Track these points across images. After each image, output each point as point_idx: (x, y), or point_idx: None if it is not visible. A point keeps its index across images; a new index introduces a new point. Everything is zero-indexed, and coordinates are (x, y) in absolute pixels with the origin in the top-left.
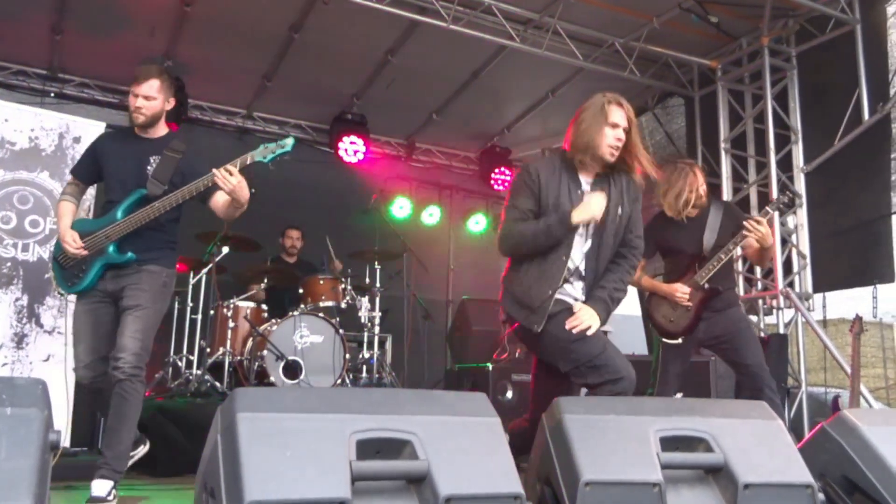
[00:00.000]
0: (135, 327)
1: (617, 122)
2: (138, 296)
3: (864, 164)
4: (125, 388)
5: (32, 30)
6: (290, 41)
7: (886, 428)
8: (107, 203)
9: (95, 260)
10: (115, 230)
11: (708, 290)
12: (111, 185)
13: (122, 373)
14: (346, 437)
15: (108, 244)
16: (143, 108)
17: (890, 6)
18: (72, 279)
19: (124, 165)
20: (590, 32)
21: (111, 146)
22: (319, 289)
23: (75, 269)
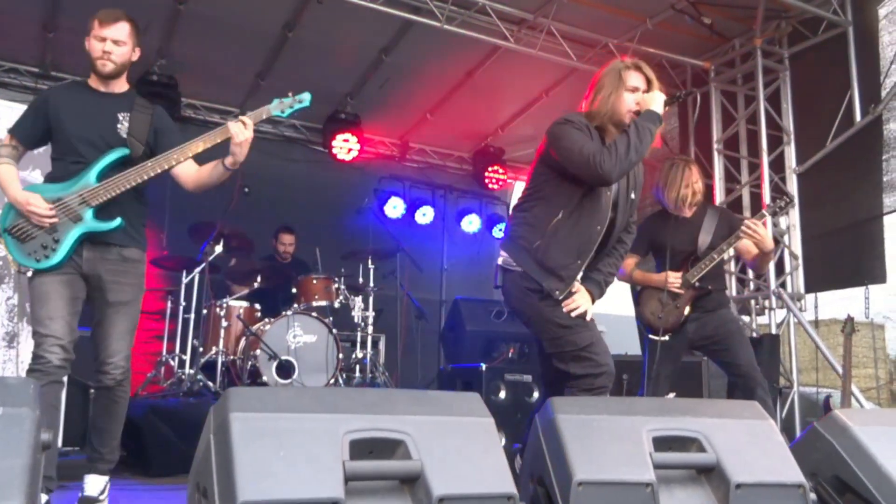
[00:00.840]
0: (124, 327)
1: (636, 85)
2: (125, 290)
3: (855, 165)
4: (117, 394)
5: (24, 27)
6: (284, 40)
7: (878, 428)
8: (72, 164)
9: (70, 229)
10: (92, 194)
11: (698, 288)
12: (72, 145)
13: (113, 379)
14: (340, 437)
15: (84, 210)
16: (112, 53)
17: (881, 8)
18: (39, 252)
19: (89, 123)
20: (583, 33)
21: (67, 102)
22: (313, 288)
23: (41, 241)
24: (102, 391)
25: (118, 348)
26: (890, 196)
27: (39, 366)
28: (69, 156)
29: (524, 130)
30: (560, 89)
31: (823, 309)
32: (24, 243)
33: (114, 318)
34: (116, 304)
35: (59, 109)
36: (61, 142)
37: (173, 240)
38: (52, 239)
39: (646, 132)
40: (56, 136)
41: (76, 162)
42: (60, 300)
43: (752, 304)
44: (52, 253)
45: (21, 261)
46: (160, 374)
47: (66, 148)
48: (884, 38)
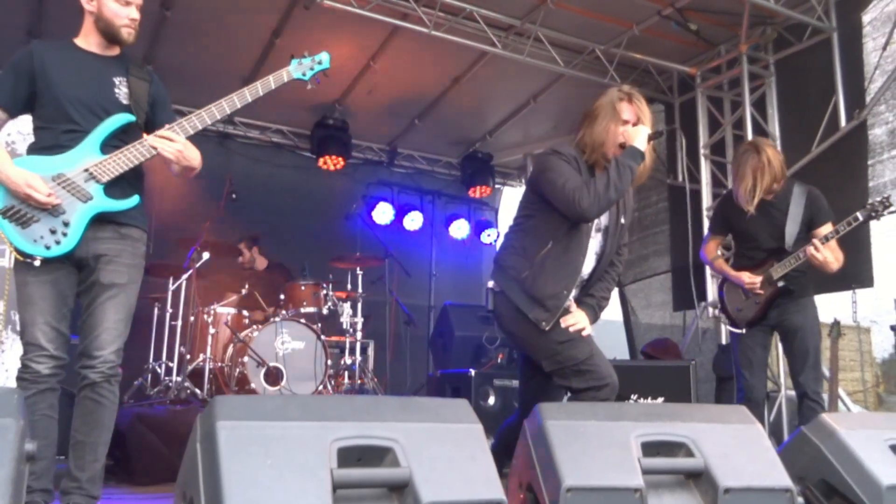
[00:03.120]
0: (116, 316)
1: (627, 118)
2: (119, 272)
3: (841, 170)
4: (101, 392)
5: (8, 32)
6: (272, 46)
7: (864, 431)
8: (64, 133)
9: (79, 209)
10: (100, 168)
11: (781, 287)
12: (65, 110)
13: (100, 374)
14: (328, 445)
15: (91, 186)
16: (137, 21)
17: (865, 14)
18: (47, 237)
19: (85, 86)
20: (571, 39)
21: (56, 61)
22: (301, 294)
23: (47, 225)
24: (85, 390)
25: (108, 338)
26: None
27: (28, 375)
28: (60, 122)
29: (512, 136)
30: (547, 95)
31: None
32: (25, 228)
33: (106, 304)
34: (110, 286)
35: (46, 69)
36: (50, 106)
37: (160, 246)
38: (61, 222)
39: (626, 170)
40: (44, 100)
41: (70, 130)
42: (44, 301)
43: None
44: (64, 238)
45: (26, 249)
46: (146, 382)
47: (57, 113)
48: (868, 45)
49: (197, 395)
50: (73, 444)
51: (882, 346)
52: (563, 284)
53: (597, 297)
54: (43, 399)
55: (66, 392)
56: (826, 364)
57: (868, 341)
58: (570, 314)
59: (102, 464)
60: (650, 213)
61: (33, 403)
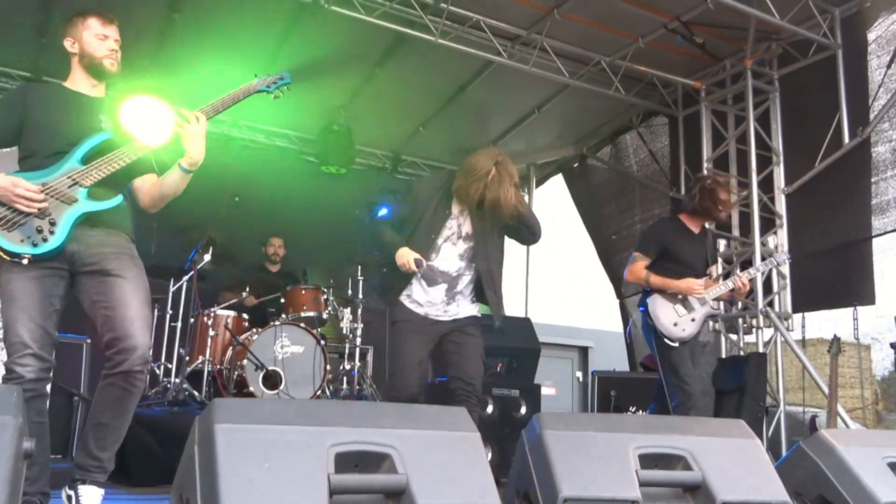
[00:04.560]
0: (140, 299)
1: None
2: (124, 261)
3: (844, 186)
4: (133, 381)
5: (17, 32)
6: (278, 51)
7: (863, 448)
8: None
9: (65, 210)
10: (83, 174)
11: (714, 309)
12: (50, 142)
13: (139, 359)
14: (325, 450)
15: (76, 191)
16: (118, 52)
17: (870, 32)
18: (34, 236)
19: (72, 122)
20: (576, 50)
21: (47, 98)
22: (301, 299)
23: (34, 225)
24: (116, 377)
25: (140, 326)
26: (879, 219)
27: (12, 381)
28: (45, 151)
29: (516, 145)
30: (552, 105)
31: (811, 328)
32: (10, 231)
33: (129, 291)
34: (118, 274)
35: (37, 105)
36: (36, 139)
37: (161, 248)
38: (48, 222)
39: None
40: (31, 134)
41: (54, 154)
42: (29, 300)
43: (740, 322)
44: (50, 236)
45: (12, 249)
46: (145, 383)
47: (42, 145)
48: (872, 62)
49: (195, 397)
50: (97, 425)
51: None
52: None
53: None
54: (30, 407)
55: (64, 391)
56: (825, 380)
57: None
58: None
59: (119, 445)
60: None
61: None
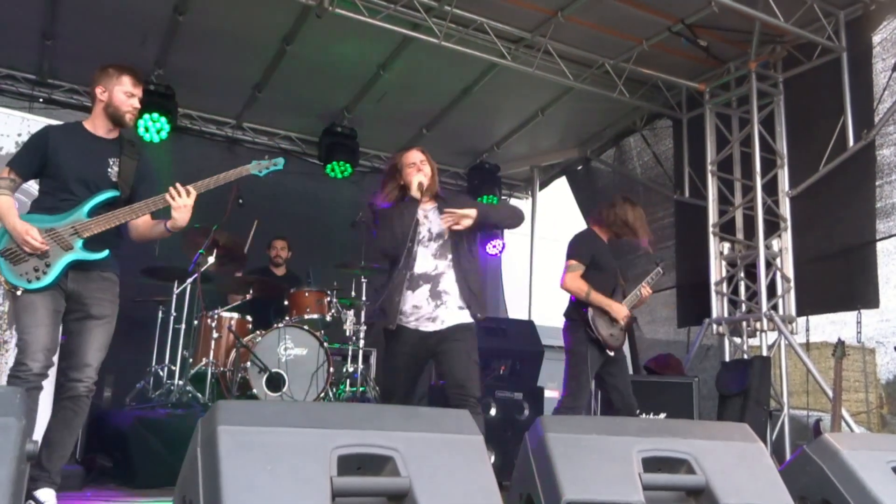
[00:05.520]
0: (101, 341)
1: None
2: (105, 306)
3: (848, 190)
4: (81, 405)
5: (23, 34)
6: (283, 53)
7: (867, 452)
8: (62, 201)
9: (61, 256)
10: (84, 227)
11: (633, 317)
12: (66, 184)
13: (86, 388)
14: (328, 453)
15: (75, 240)
16: (138, 109)
17: (875, 35)
18: (30, 274)
19: (86, 164)
20: (580, 53)
21: (66, 141)
22: (305, 301)
23: (32, 264)
24: (68, 401)
25: (94, 358)
26: (883, 222)
27: (20, 373)
28: (61, 192)
29: (520, 148)
30: (556, 108)
31: (815, 332)
32: (15, 265)
33: (95, 331)
34: (99, 317)
35: (57, 148)
36: (55, 178)
37: (165, 250)
38: (45, 263)
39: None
40: (50, 172)
41: (67, 199)
42: (45, 310)
43: (744, 325)
44: (44, 276)
45: (13, 281)
46: (148, 385)
47: (60, 185)
48: (877, 65)
49: (198, 399)
50: (48, 442)
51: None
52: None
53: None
54: (29, 396)
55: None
56: (830, 384)
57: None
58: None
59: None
60: (656, 228)
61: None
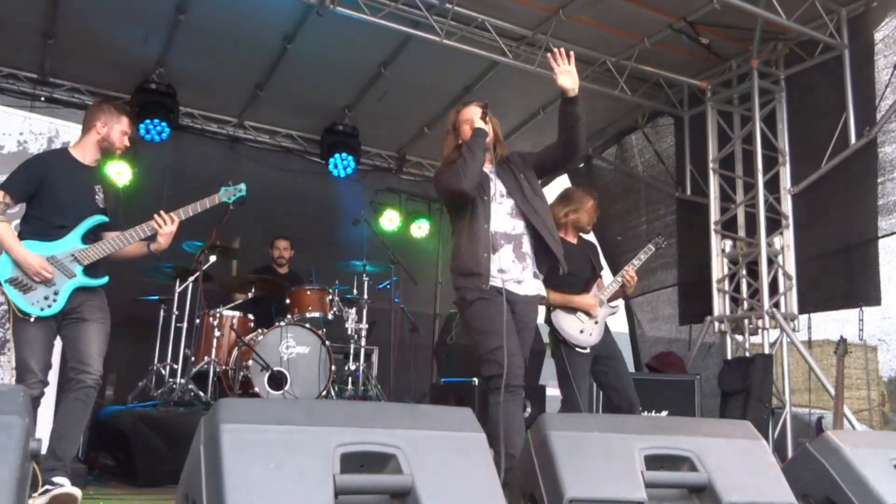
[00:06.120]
0: (100, 337)
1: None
2: (96, 311)
3: (850, 187)
4: (90, 396)
5: (24, 33)
6: (284, 51)
7: (869, 450)
8: (56, 228)
9: (65, 283)
10: (83, 254)
11: (612, 307)
12: (60, 210)
13: (93, 379)
14: (331, 451)
15: (75, 267)
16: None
17: (877, 32)
18: (41, 302)
19: (77, 191)
20: (582, 50)
21: (60, 169)
22: (306, 299)
23: (42, 293)
24: (78, 392)
25: (96, 351)
26: (885, 219)
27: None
28: (54, 218)
29: (521, 146)
30: (557, 106)
31: (817, 330)
32: (25, 294)
33: (91, 329)
34: (92, 319)
35: (54, 174)
36: (48, 204)
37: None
38: (53, 291)
39: (474, 144)
40: (43, 198)
41: (61, 226)
42: (40, 346)
43: (746, 323)
44: (54, 303)
45: (26, 309)
46: (150, 383)
47: (53, 211)
48: (879, 62)
49: (201, 397)
50: (60, 436)
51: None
52: (480, 249)
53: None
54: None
55: None
56: (832, 381)
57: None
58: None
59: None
60: (658, 226)
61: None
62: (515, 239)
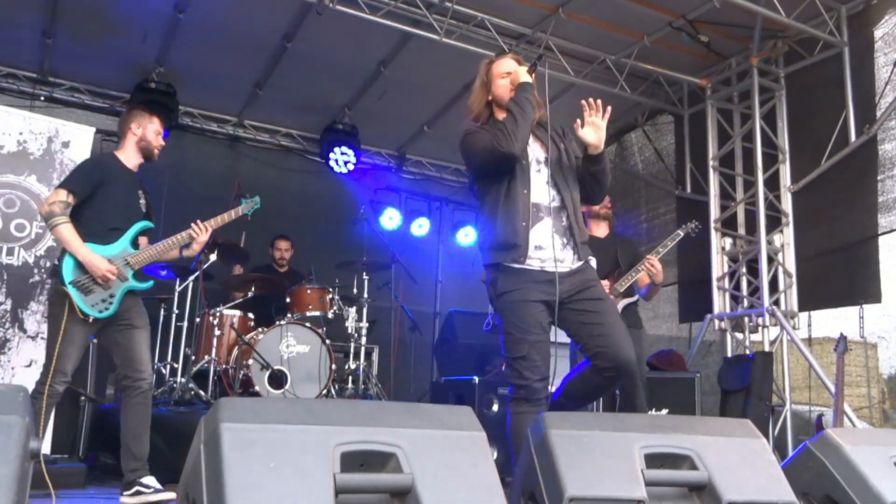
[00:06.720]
0: (148, 343)
1: (508, 70)
2: (142, 316)
3: (850, 185)
4: (149, 398)
5: (24, 33)
6: (283, 50)
7: (870, 448)
8: (110, 230)
9: (119, 286)
10: (136, 259)
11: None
12: (115, 213)
13: (148, 384)
14: (331, 450)
15: (128, 271)
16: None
17: (877, 30)
18: (99, 304)
19: (129, 195)
20: (582, 49)
21: (114, 171)
22: (306, 298)
23: (100, 296)
24: (139, 396)
25: (148, 357)
26: (885, 216)
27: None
28: (109, 220)
29: None
30: (558, 104)
31: (817, 327)
32: (86, 296)
33: (141, 337)
34: (141, 326)
35: (111, 179)
36: (102, 206)
37: None
38: (109, 294)
39: (523, 101)
40: (97, 200)
41: (114, 228)
42: (78, 347)
43: (746, 321)
44: (110, 306)
45: (87, 311)
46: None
47: (109, 212)
48: (879, 60)
49: (201, 396)
50: (133, 436)
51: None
52: (519, 218)
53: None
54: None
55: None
56: (832, 379)
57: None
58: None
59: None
60: (658, 224)
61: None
62: (555, 211)
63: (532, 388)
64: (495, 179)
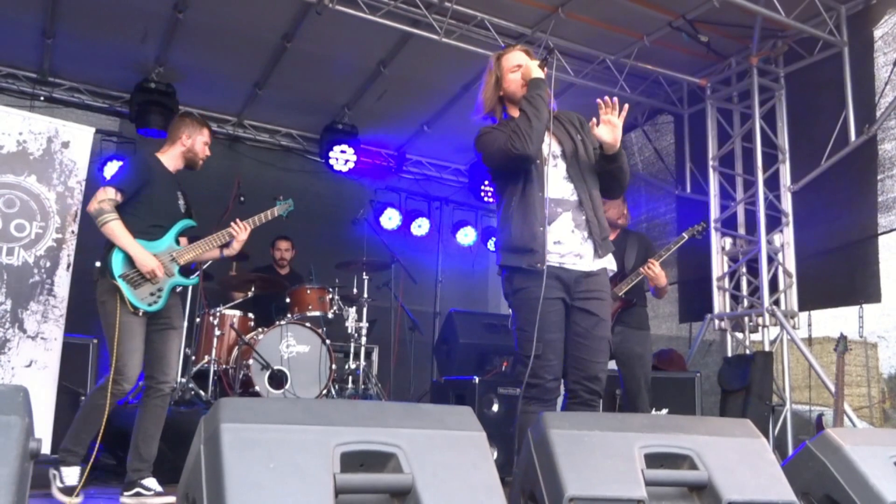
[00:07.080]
0: (179, 347)
1: (518, 63)
2: (181, 316)
3: (850, 184)
4: (167, 402)
5: (23, 32)
6: (283, 50)
7: (870, 448)
8: (152, 227)
9: (166, 281)
10: (180, 255)
11: (624, 299)
12: (158, 212)
13: (170, 388)
14: (331, 450)
15: (174, 267)
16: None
17: (877, 29)
18: (148, 299)
19: (171, 194)
20: (581, 48)
21: (158, 171)
22: (306, 298)
23: (148, 290)
24: (157, 400)
25: (175, 362)
26: (885, 216)
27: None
28: (151, 218)
29: None
30: (557, 103)
31: (817, 327)
32: (135, 289)
33: (175, 340)
34: (178, 327)
35: (156, 179)
36: (147, 204)
37: None
38: (157, 288)
39: (536, 98)
40: (142, 198)
41: (156, 226)
42: (139, 344)
43: (746, 321)
44: (159, 300)
45: (137, 304)
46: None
47: (152, 211)
48: (879, 59)
49: (201, 396)
50: (144, 437)
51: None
52: (536, 223)
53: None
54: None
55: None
56: (832, 379)
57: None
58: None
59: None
60: (658, 223)
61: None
62: (574, 206)
63: (545, 388)
64: (511, 179)
